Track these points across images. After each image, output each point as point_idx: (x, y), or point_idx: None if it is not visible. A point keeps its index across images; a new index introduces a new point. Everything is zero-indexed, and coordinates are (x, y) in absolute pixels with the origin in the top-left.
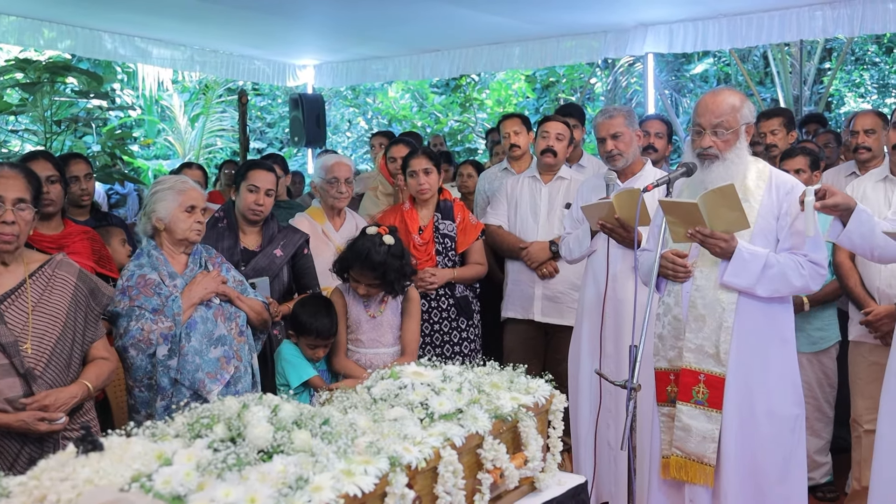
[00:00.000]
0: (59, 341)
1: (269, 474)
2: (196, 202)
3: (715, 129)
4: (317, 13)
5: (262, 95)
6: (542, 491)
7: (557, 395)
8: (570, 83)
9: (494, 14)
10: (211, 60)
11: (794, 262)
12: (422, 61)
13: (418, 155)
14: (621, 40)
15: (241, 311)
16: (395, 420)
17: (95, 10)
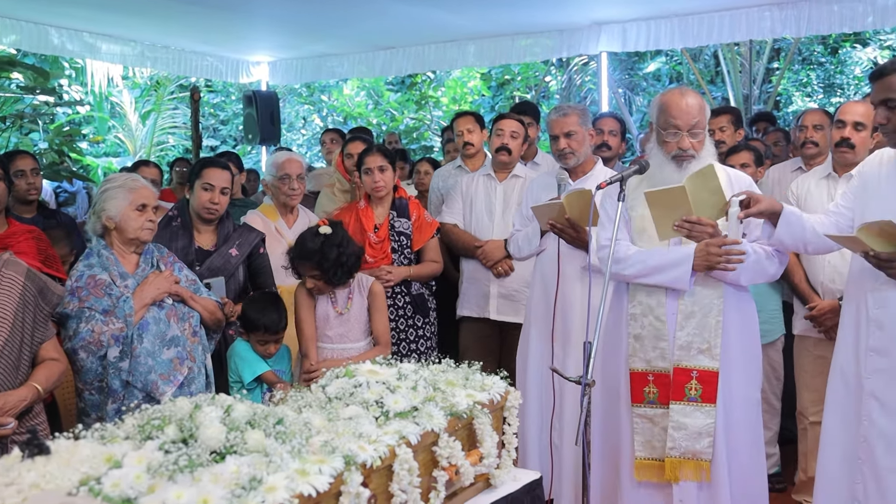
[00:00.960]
0: (6, 343)
1: (221, 475)
2: (147, 200)
3: (692, 131)
4: (271, 9)
5: (215, 92)
6: (498, 487)
7: (512, 391)
8: (525, 81)
9: (450, 12)
10: (162, 56)
11: (766, 252)
12: (377, 59)
13: (373, 152)
14: (575, 39)
15: (195, 312)
16: (350, 419)
17: (42, 4)
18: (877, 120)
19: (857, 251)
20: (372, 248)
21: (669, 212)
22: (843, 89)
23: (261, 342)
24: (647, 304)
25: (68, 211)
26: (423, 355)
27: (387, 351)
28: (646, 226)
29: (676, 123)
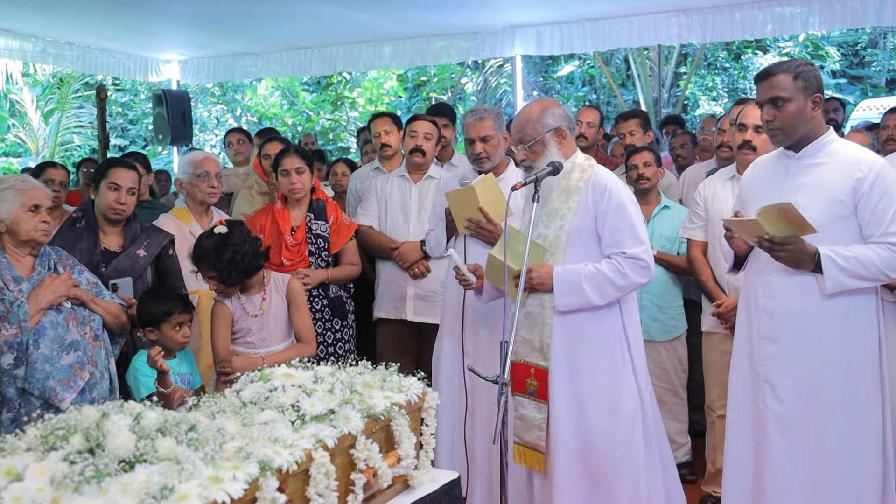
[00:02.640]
0: None
1: (130, 485)
2: (41, 201)
3: (521, 144)
4: (182, 6)
5: (123, 91)
6: (416, 488)
7: (430, 392)
8: (441, 83)
9: (365, 13)
10: (66, 53)
11: (612, 265)
12: (292, 58)
13: (290, 153)
14: (491, 41)
15: (96, 315)
16: (266, 423)
17: None
18: (763, 118)
19: (752, 237)
20: (289, 251)
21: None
22: (746, 93)
23: (177, 326)
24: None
25: None
26: (341, 358)
27: (312, 347)
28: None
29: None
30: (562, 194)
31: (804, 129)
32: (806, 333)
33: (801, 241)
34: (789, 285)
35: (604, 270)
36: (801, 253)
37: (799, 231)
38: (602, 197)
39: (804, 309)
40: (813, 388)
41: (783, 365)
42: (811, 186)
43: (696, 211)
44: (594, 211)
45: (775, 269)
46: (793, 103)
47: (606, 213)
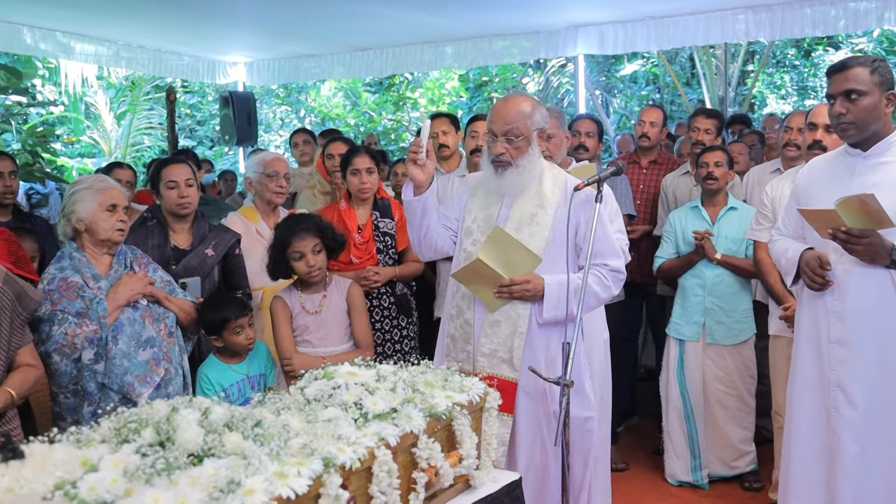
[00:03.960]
0: None
1: (199, 478)
2: (117, 201)
3: (506, 136)
4: (248, 10)
5: (191, 93)
6: (477, 488)
7: (491, 392)
8: (502, 83)
9: (428, 14)
10: (138, 56)
11: (597, 278)
12: (355, 60)
13: (361, 153)
14: (553, 41)
15: (170, 312)
16: (329, 421)
17: (14, 3)
18: (835, 111)
19: (826, 230)
20: (357, 249)
21: (485, 284)
22: (816, 92)
23: (237, 331)
24: (460, 306)
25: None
26: (407, 355)
27: (371, 353)
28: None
29: (492, 128)
30: (534, 199)
31: (876, 125)
32: (880, 334)
33: (878, 235)
34: (861, 285)
35: (590, 283)
36: (878, 247)
37: (876, 225)
38: (583, 206)
39: (877, 308)
40: (889, 391)
41: (856, 368)
42: (881, 185)
43: (763, 212)
44: (574, 220)
45: (845, 270)
46: (868, 97)
47: (588, 222)
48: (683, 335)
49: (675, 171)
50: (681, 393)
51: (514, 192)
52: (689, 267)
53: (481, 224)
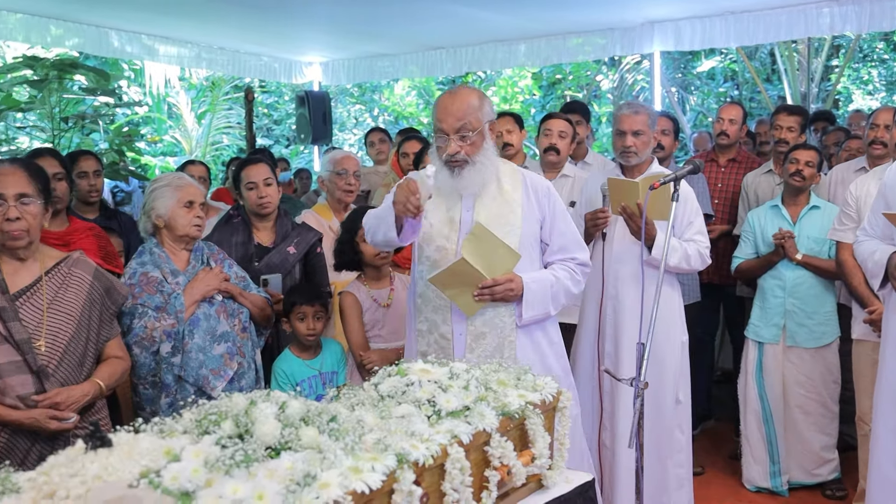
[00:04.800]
0: (72, 339)
1: (276, 471)
2: (194, 197)
3: (459, 133)
4: (324, 11)
5: (268, 92)
6: (550, 488)
7: (564, 392)
8: (576, 80)
9: (501, 12)
10: (218, 58)
11: (569, 272)
12: (428, 59)
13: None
14: (628, 38)
15: (244, 308)
16: (403, 417)
17: (102, 8)
18: None
19: None
20: None
21: (464, 287)
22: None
23: (300, 318)
24: (433, 321)
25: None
26: None
27: None
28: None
29: (441, 126)
30: (497, 198)
31: None
32: None
33: None
34: None
35: (562, 279)
36: None
37: None
38: (546, 200)
39: None
40: None
41: None
42: None
43: (846, 212)
44: (539, 215)
45: None
46: None
47: (554, 217)
48: (763, 337)
49: (758, 169)
50: (759, 396)
51: (473, 190)
52: (768, 267)
53: (444, 229)
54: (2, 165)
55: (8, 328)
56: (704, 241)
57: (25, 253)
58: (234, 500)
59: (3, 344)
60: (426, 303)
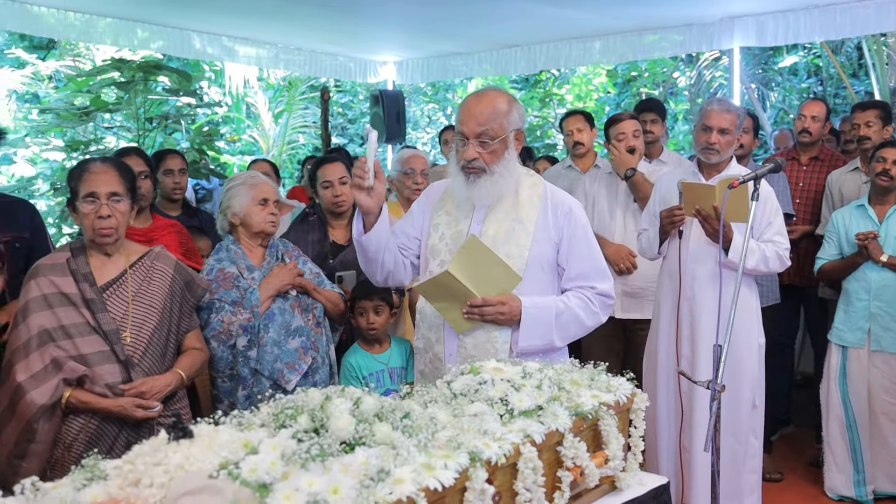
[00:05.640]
0: (156, 330)
1: (351, 466)
2: (268, 195)
3: (480, 139)
4: (398, 10)
5: (343, 92)
6: (623, 490)
7: (639, 393)
8: (651, 77)
9: (576, 9)
10: (295, 58)
11: (583, 301)
12: (502, 57)
13: None
14: (707, 34)
15: (318, 303)
16: (475, 415)
17: (185, 11)
18: None
19: None
20: None
21: (453, 302)
22: None
23: (360, 313)
24: (428, 339)
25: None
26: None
27: None
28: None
29: (462, 130)
30: (510, 212)
31: None
32: None
33: None
34: None
35: (573, 308)
36: None
37: None
38: (566, 220)
39: None
40: None
41: None
42: None
43: None
44: (556, 236)
45: None
46: None
47: (572, 240)
48: (847, 341)
49: (843, 167)
50: (843, 402)
51: (487, 202)
52: (852, 269)
53: (449, 242)
54: (94, 164)
55: (97, 319)
56: (784, 242)
57: (112, 248)
58: (310, 493)
59: (92, 334)
60: (423, 319)
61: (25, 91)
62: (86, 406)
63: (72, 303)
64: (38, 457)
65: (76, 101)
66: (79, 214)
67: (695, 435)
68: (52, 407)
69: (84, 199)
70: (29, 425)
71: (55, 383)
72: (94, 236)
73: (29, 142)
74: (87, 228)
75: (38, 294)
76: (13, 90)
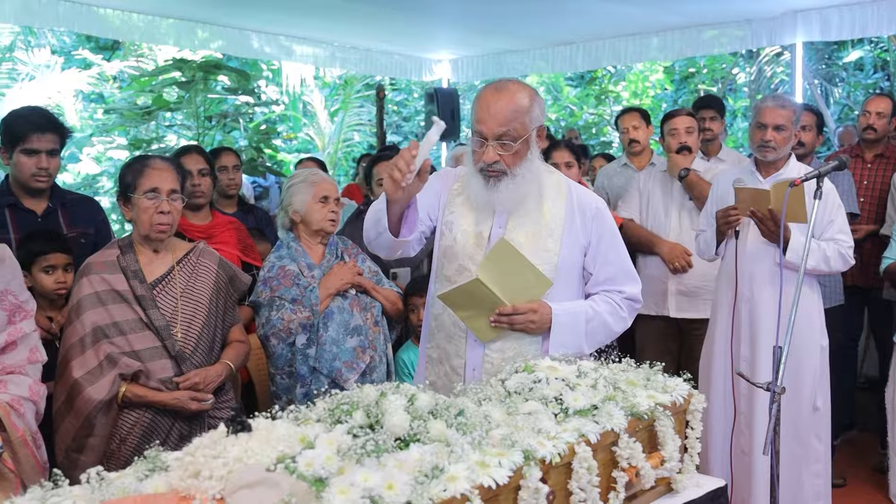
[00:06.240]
0: (204, 325)
1: (406, 462)
2: (329, 192)
3: (501, 140)
4: (454, 8)
5: (398, 90)
6: (679, 493)
7: (696, 394)
8: (710, 74)
9: (633, 5)
10: (351, 56)
11: (612, 306)
12: (558, 54)
13: (561, 148)
14: (768, 29)
15: (377, 302)
16: (529, 414)
17: (244, 11)
18: None
19: None
20: None
21: (480, 309)
22: None
23: (411, 310)
24: (446, 350)
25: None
26: (603, 353)
27: None
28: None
29: (480, 129)
30: (534, 215)
31: None
32: None
33: None
34: None
35: (602, 313)
36: None
37: None
38: (594, 223)
39: None
40: None
41: None
42: None
43: None
44: (584, 240)
45: None
46: None
47: (600, 243)
48: None
49: None
50: None
51: (510, 206)
52: None
53: (469, 248)
54: (155, 161)
55: (148, 315)
56: (847, 241)
57: (161, 245)
58: (365, 488)
59: (144, 330)
60: (440, 328)
61: (91, 91)
62: (142, 400)
63: (124, 300)
64: (94, 450)
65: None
66: (133, 208)
67: (753, 438)
68: (109, 402)
69: (144, 194)
70: (87, 420)
71: (111, 379)
72: (149, 231)
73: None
74: (144, 223)
75: (91, 291)
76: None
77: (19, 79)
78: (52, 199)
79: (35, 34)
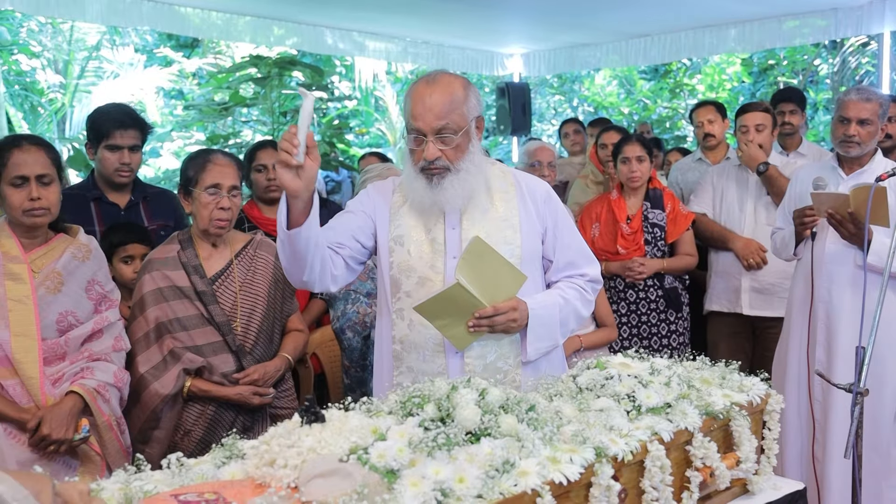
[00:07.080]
0: (264, 319)
1: (476, 456)
2: None
3: (440, 135)
4: (525, 3)
5: None
6: (756, 494)
7: (774, 394)
8: (790, 65)
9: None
10: (423, 52)
11: (578, 292)
12: (631, 47)
13: (632, 141)
14: (854, 18)
15: None
16: (601, 411)
17: (318, 8)
18: None
19: None
20: (624, 240)
21: (457, 316)
22: None
23: None
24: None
25: (335, 199)
26: (675, 351)
27: (614, 333)
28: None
29: (417, 126)
30: (488, 210)
31: None
32: None
33: None
34: None
35: (571, 300)
36: None
37: None
38: (546, 207)
39: None
40: None
41: None
42: None
43: None
44: (540, 226)
45: None
46: None
47: (556, 227)
48: None
49: None
50: None
51: (458, 204)
52: None
53: (426, 257)
54: (218, 157)
55: (209, 311)
56: None
57: (219, 240)
58: (436, 481)
59: (205, 326)
60: (411, 349)
61: (171, 88)
62: (206, 394)
63: (185, 296)
64: (160, 442)
65: (216, 96)
66: (193, 202)
67: (829, 443)
68: (175, 396)
69: (205, 189)
70: (154, 413)
71: (176, 373)
72: (209, 226)
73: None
74: (204, 218)
75: (153, 287)
76: (161, 87)
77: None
78: (134, 192)
79: (120, 33)
